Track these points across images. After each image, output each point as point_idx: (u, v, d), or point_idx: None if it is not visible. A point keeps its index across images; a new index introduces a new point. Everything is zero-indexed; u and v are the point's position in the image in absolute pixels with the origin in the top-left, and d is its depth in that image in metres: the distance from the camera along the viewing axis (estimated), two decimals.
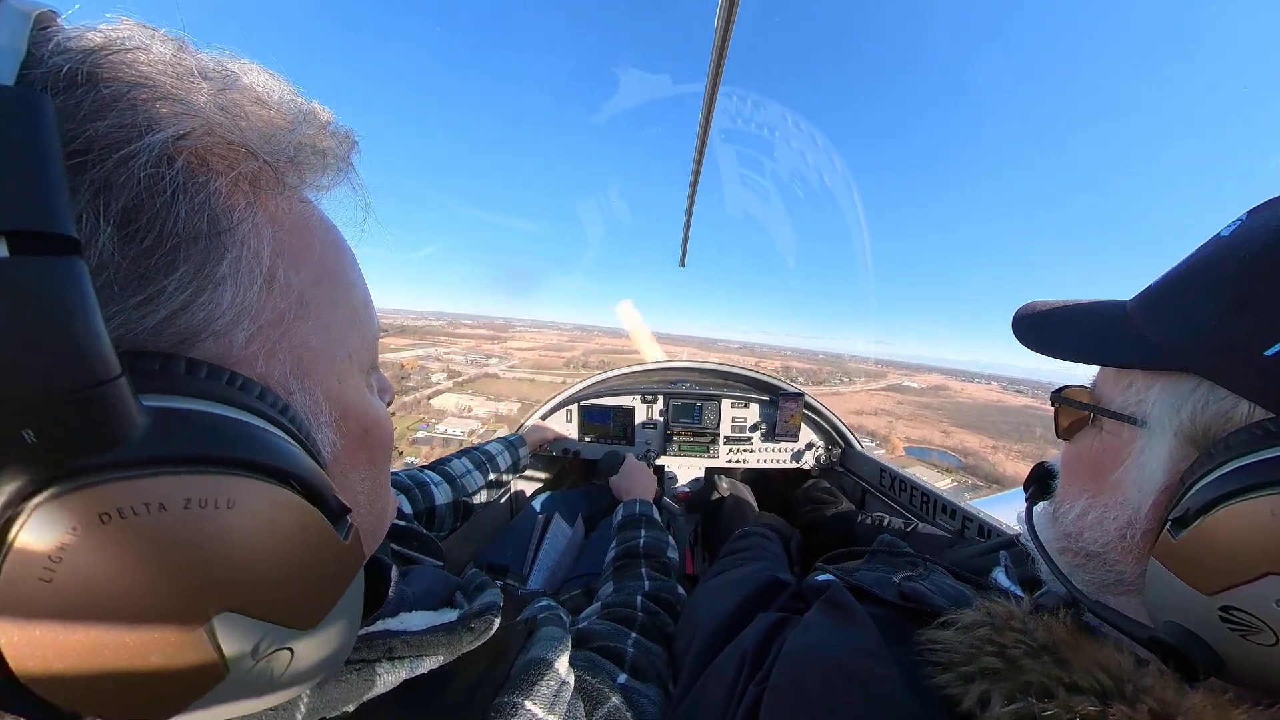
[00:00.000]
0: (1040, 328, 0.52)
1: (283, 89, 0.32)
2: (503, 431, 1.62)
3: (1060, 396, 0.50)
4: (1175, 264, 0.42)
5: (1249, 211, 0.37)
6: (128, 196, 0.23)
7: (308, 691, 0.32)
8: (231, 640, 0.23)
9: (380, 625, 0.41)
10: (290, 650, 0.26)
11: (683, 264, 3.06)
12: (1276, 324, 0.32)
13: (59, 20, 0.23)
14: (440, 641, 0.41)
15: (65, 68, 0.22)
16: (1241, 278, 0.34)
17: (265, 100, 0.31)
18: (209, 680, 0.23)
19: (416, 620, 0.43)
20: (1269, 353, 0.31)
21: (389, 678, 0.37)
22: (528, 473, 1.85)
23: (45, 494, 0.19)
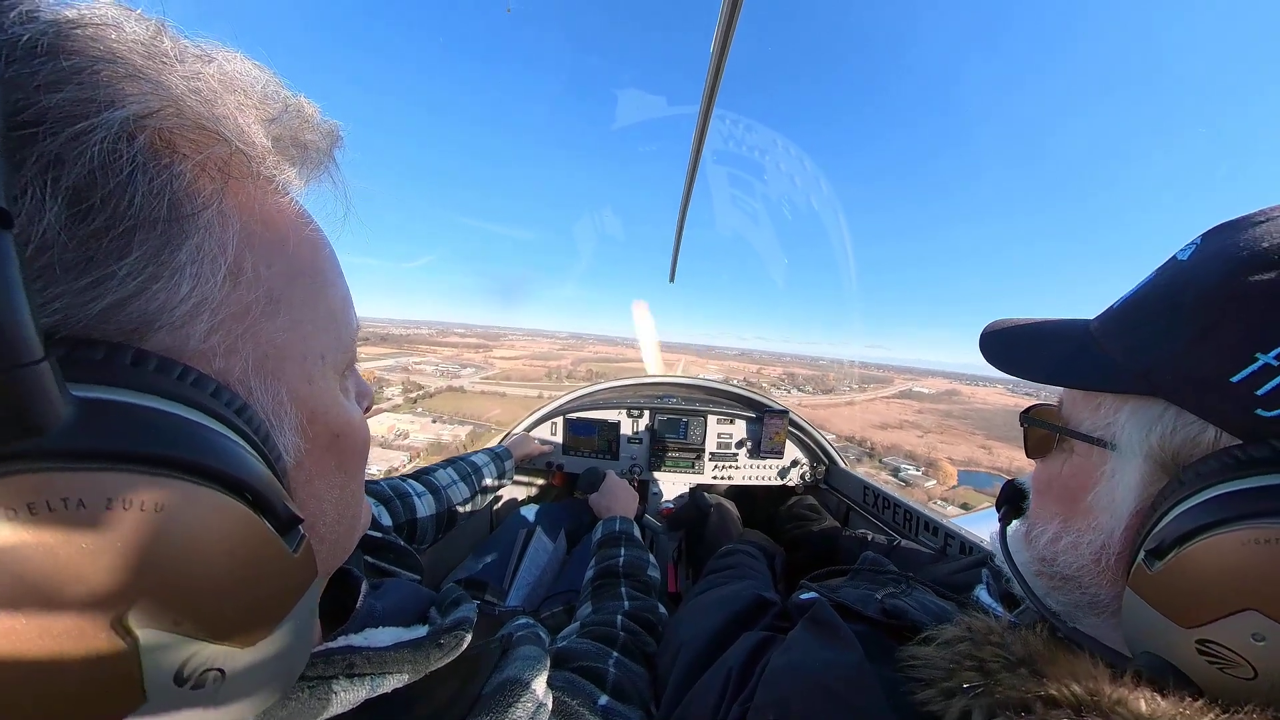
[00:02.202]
0: (1008, 347, 0.52)
1: (266, 79, 0.31)
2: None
3: (1029, 417, 0.50)
4: (1136, 285, 0.43)
5: (1203, 235, 0.39)
6: (79, 173, 0.21)
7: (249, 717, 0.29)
8: (154, 659, 0.21)
9: (342, 640, 0.38)
10: (222, 671, 0.24)
11: (672, 280, 3.09)
12: (1240, 351, 0.32)
13: None
14: (406, 658, 0.38)
15: (25, 37, 0.21)
16: (1204, 306, 0.35)
17: (244, 88, 0.30)
18: (125, 704, 0.21)
19: (383, 636, 0.40)
20: (1235, 379, 0.32)
21: (347, 696, 0.34)
22: (509, 487, 1.82)
23: None
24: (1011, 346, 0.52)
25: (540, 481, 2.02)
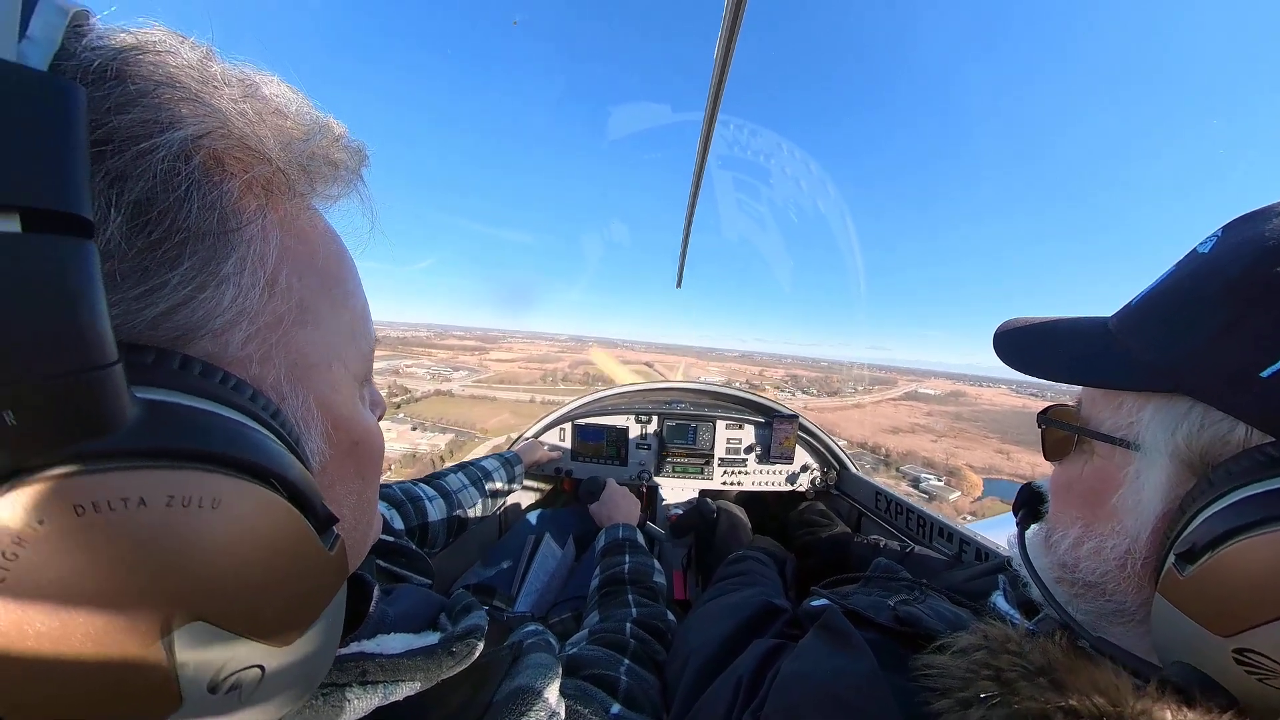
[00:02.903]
0: (1023, 346, 0.51)
1: (299, 101, 0.33)
2: None
3: (1047, 418, 0.49)
4: (1155, 280, 0.42)
5: (1224, 227, 0.37)
6: (142, 188, 0.23)
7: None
8: (197, 652, 0.21)
9: (355, 647, 0.39)
10: (261, 669, 0.24)
11: (679, 285, 3.09)
12: (1270, 344, 0.31)
13: (93, 19, 0.24)
14: (418, 666, 0.39)
15: (96, 62, 0.23)
16: (1229, 298, 0.34)
17: (283, 110, 0.31)
18: (167, 702, 0.21)
19: (394, 643, 0.41)
20: (1265, 374, 0.31)
21: (360, 704, 0.35)
22: (518, 492, 1.82)
23: (15, 480, 0.17)
24: (1027, 346, 0.51)
25: (549, 487, 2.02)
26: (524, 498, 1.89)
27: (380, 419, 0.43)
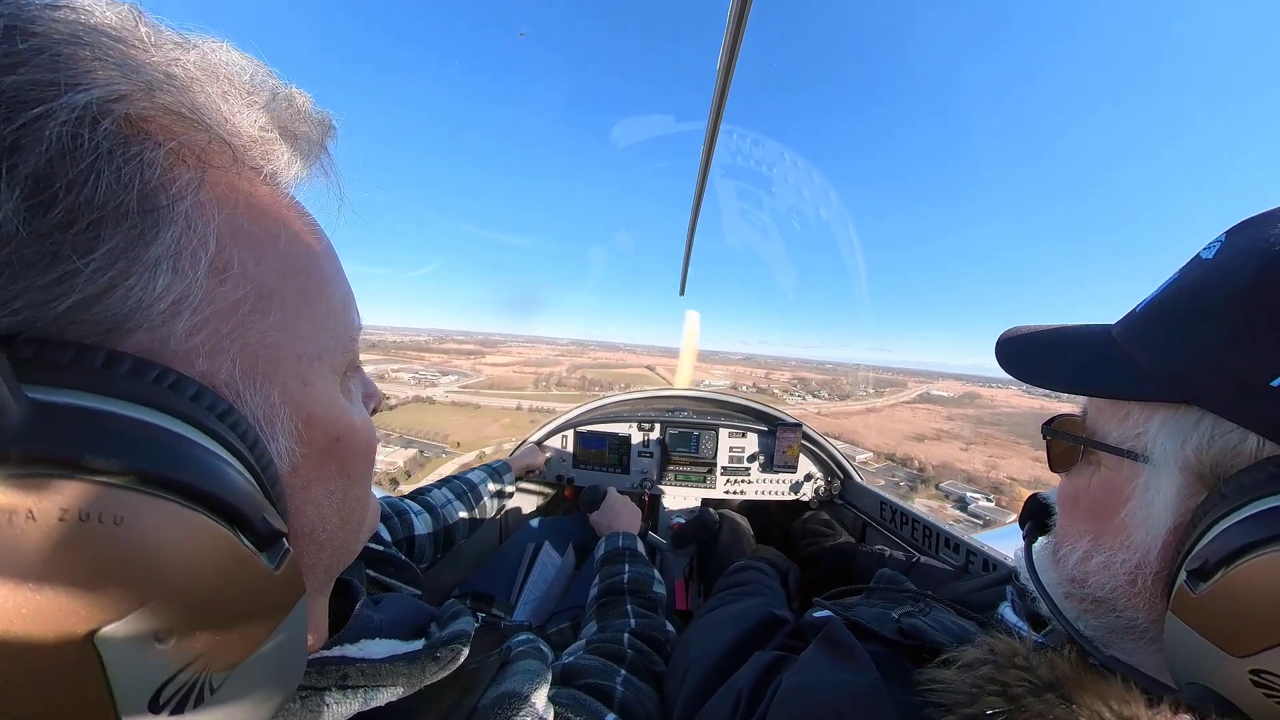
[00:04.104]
0: (1026, 355, 0.51)
1: (254, 68, 0.30)
2: None
3: (1052, 429, 0.48)
4: (1159, 287, 0.41)
5: (1228, 232, 0.37)
6: (37, 160, 0.20)
7: None
8: (124, 681, 0.19)
9: (337, 650, 0.38)
10: (205, 691, 0.22)
11: (682, 293, 3.10)
12: None
13: None
14: (400, 671, 0.37)
15: None
16: (1237, 305, 0.33)
17: (229, 76, 0.28)
18: None
19: (378, 648, 0.40)
20: (1277, 383, 0.30)
21: (339, 709, 0.33)
22: (519, 499, 1.81)
23: None
24: (1030, 355, 0.50)
25: (550, 493, 2.01)
26: (525, 504, 1.89)
27: (375, 411, 0.41)
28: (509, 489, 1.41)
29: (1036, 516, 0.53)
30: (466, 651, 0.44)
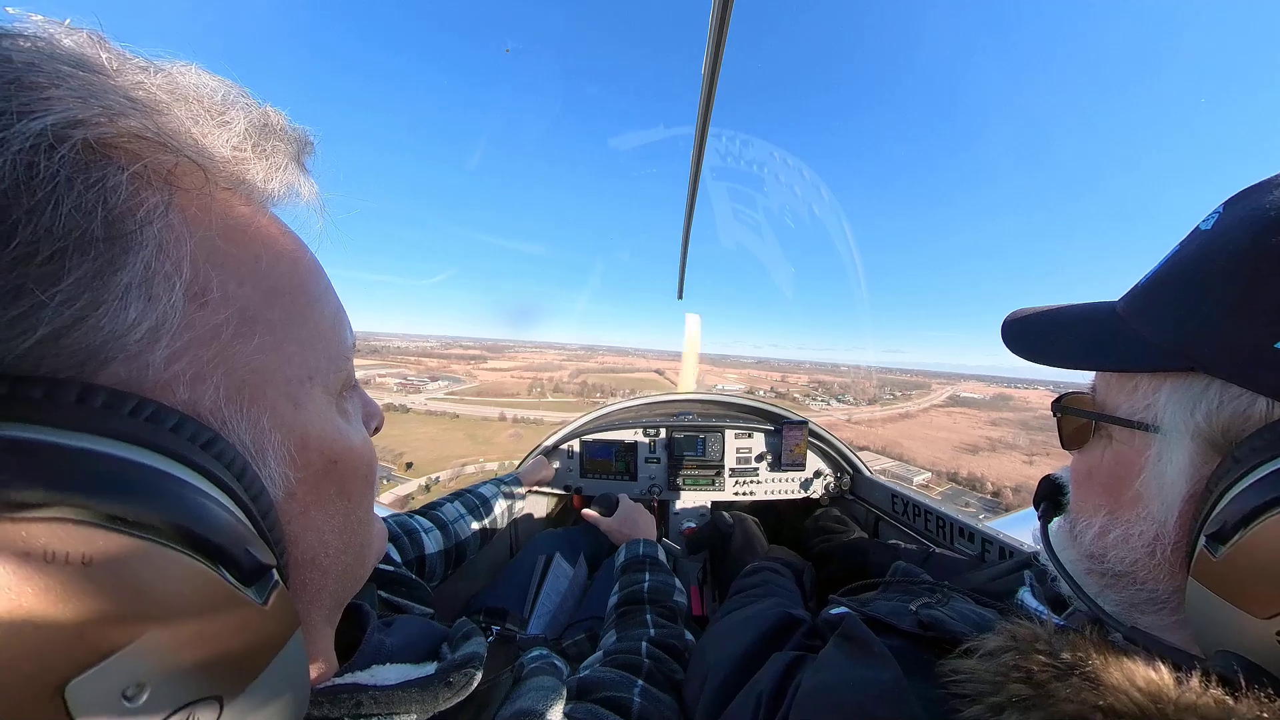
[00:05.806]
0: (1031, 334, 0.51)
1: (225, 89, 0.30)
2: None
3: (1062, 406, 0.48)
4: (1161, 260, 0.41)
5: (1225, 203, 0.37)
6: None
7: None
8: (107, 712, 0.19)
9: (349, 678, 0.37)
10: None
11: (680, 297, 3.11)
12: None
13: None
14: (414, 698, 0.37)
15: None
16: (1239, 271, 0.33)
17: (197, 97, 0.28)
18: None
19: (390, 674, 0.39)
20: None
21: None
22: (528, 510, 1.80)
23: None
24: (1036, 334, 0.50)
25: (560, 503, 2.00)
26: (536, 510, 1.87)
27: (377, 430, 0.41)
28: (519, 504, 1.41)
29: (1050, 496, 0.53)
30: (480, 675, 0.43)
